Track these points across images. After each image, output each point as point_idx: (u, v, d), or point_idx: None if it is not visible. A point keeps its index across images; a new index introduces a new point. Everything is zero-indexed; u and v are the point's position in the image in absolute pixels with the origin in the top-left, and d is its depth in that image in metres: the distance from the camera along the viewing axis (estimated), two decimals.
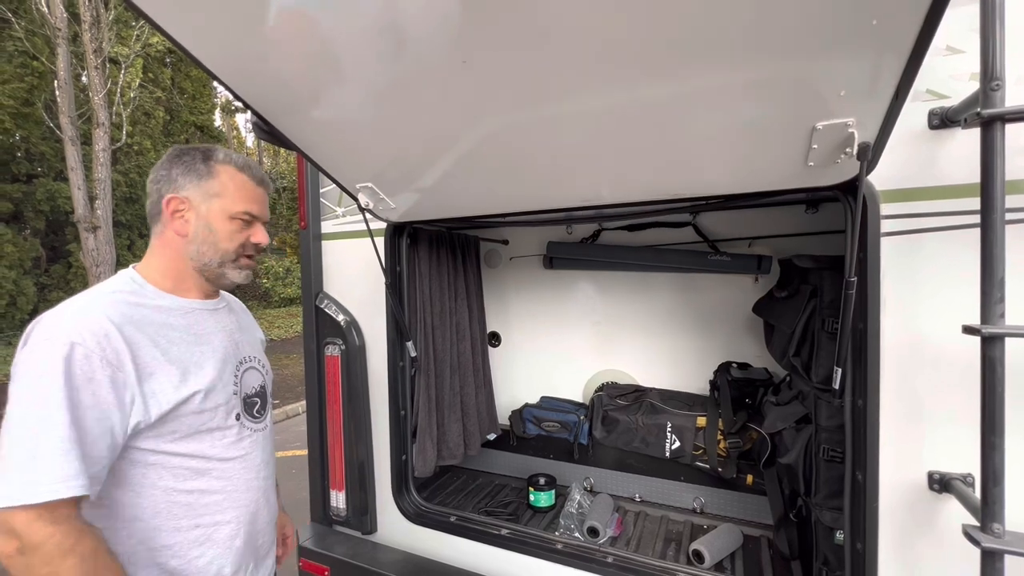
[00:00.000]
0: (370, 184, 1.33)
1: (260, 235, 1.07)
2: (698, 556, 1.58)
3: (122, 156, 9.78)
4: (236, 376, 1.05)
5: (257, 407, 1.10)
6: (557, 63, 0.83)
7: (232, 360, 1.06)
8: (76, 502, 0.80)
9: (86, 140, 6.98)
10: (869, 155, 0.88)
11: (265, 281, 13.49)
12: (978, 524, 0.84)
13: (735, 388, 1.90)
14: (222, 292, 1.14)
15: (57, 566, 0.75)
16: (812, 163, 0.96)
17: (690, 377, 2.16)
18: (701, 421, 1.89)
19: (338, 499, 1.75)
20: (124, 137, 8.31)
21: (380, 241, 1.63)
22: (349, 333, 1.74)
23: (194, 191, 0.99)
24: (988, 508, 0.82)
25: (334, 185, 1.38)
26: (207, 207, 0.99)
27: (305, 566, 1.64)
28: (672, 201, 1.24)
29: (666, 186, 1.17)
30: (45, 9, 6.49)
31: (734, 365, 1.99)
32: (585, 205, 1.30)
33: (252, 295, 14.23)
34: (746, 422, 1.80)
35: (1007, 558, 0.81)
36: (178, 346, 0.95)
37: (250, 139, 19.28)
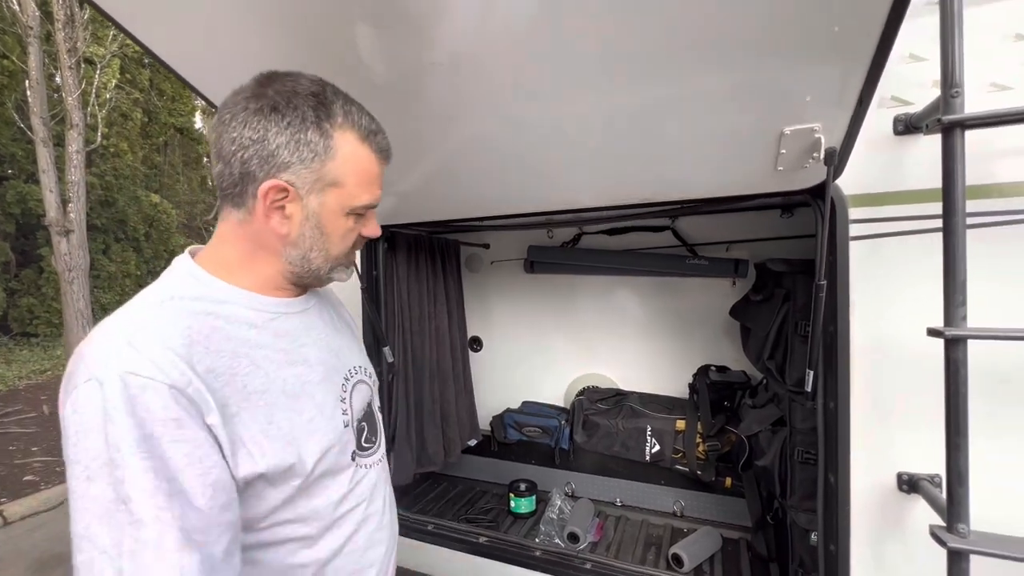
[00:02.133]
0: None
1: (373, 227, 0.76)
2: (677, 560, 1.58)
3: (97, 158, 9.54)
4: (344, 399, 0.77)
5: (366, 433, 0.82)
6: (535, 70, 0.83)
7: (336, 377, 0.78)
8: None
9: (59, 142, 6.79)
10: (835, 160, 0.89)
11: None
12: (944, 525, 0.85)
13: (713, 391, 1.91)
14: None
15: None
16: (781, 168, 0.97)
17: (670, 380, 2.17)
18: (680, 424, 1.90)
19: None
20: (99, 139, 8.10)
21: None
22: None
23: (303, 175, 0.66)
24: (954, 508, 0.83)
25: None
26: (319, 201, 0.68)
27: None
28: (650, 205, 1.24)
29: (644, 190, 1.18)
30: (16, 7, 6.32)
31: (713, 368, 2.00)
32: (565, 209, 1.30)
33: None
34: (724, 425, 1.81)
35: (973, 558, 0.82)
36: (265, 370, 0.66)
37: None
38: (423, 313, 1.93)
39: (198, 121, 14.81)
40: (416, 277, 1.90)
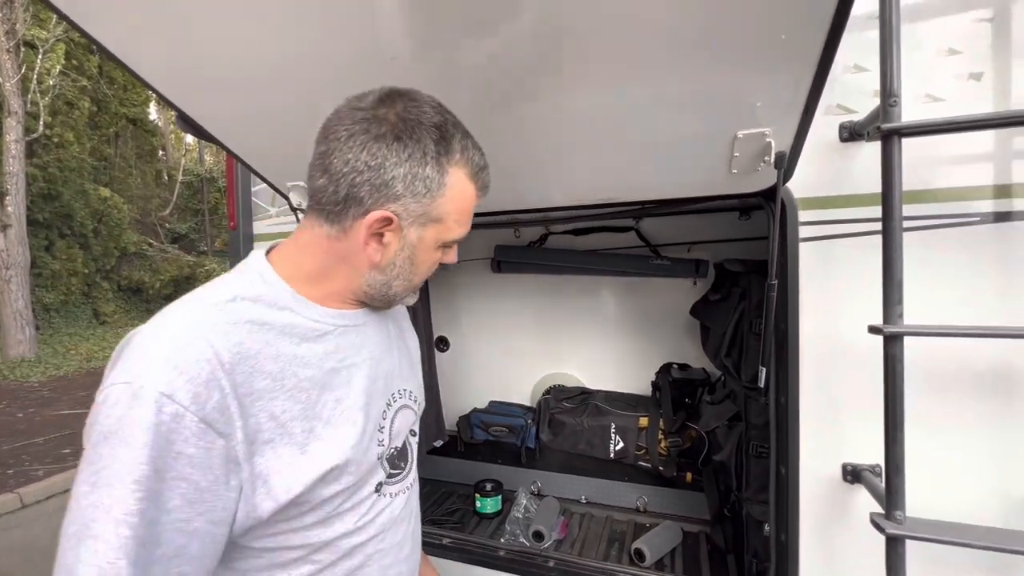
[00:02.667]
0: (301, 183, 1.27)
1: (453, 255, 0.76)
2: (639, 555, 1.61)
3: (40, 148, 8.95)
4: (383, 427, 0.74)
5: (399, 458, 0.79)
6: (497, 73, 0.83)
7: (379, 401, 0.74)
8: None
9: None
10: (784, 163, 0.92)
11: None
12: (883, 512, 0.90)
13: (675, 388, 1.95)
14: None
15: None
16: (735, 171, 1.00)
17: (634, 379, 2.21)
18: (643, 421, 1.93)
19: None
20: (42, 128, 7.62)
21: None
22: None
23: (411, 208, 0.64)
24: (892, 497, 0.87)
25: (277, 193, 1.31)
26: (419, 235, 0.67)
27: None
28: (614, 205, 1.26)
29: (608, 191, 1.19)
30: None
31: (675, 366, 2.05)
32: (532, 208, 1.30)
33: None
34: (685, 421, 1.86)
35: (909, 543, 0.87)
36: (307, 393, 0.64)
37: (190, 136, 18.21)
38: None
39: (152, 112, 14.11)
40: None
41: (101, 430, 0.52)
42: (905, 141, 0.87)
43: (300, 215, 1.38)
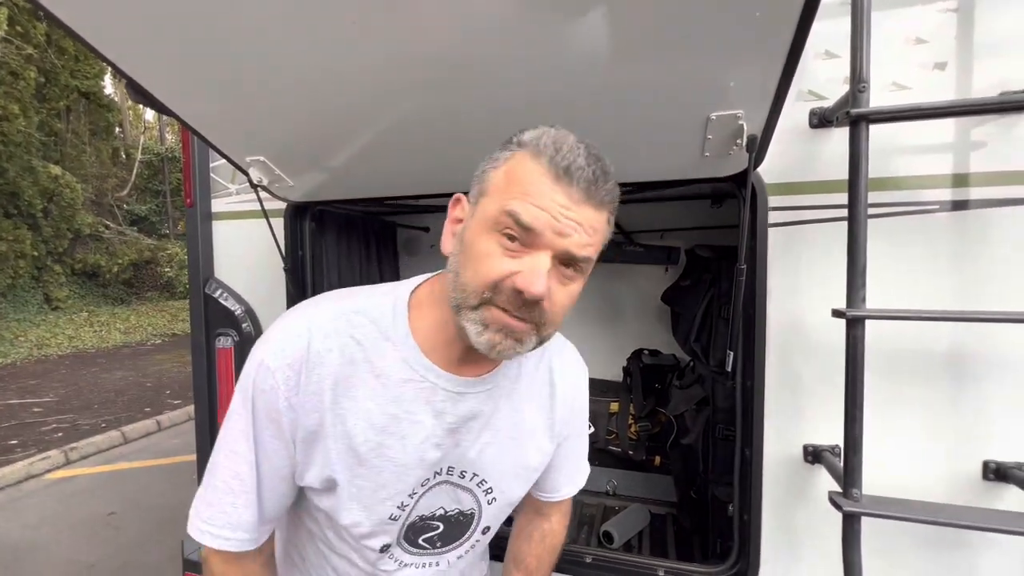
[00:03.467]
0: (262, 158, 1.20)
1: (536, 278, 0.60)
2: (608, 537, 1.63)
3: None
4: (413, 494, 0.71)
5: (438, 538, 0.77)
6: (472, 53, 0.80)
7: (423, 469, 0.70)
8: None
9: None
10: (756, 147, 0.92)
11: (168, 270, 12.20)
12: (841, 491, 0.92)
13: (646, 374, 1.98)
14: (520, 364, 0.76)
15: None
16: (708, 154, 1.00)
17: (606, 364, 2.22)
18: (614, 407, 1.95)
19: None
20: None
21: (280, 222, 1.50)
22: (245, 324, 1.59)
23: (477, 184, 0.66)
24: (849, 475, 0.90)
25: (237, 170, 1.23)
26: (471, 211, 0.65)
27: None
28: None
29: None
30: None
31: (646, 352, 2.07)
32: None
33: (152, 285, 12.85)
34: (655, 406, 1.88)
35: (865, 520, 0.89)
36: (363, 428, 0.67)
37: (149, 112, 17.27)
38: None
39: (108, 85, 13.31)
40: (348, 260, 1.81)
41: (245, 372, 0.69)
42: (871, 129, 0.88)
43: (262, 193, 1.32)
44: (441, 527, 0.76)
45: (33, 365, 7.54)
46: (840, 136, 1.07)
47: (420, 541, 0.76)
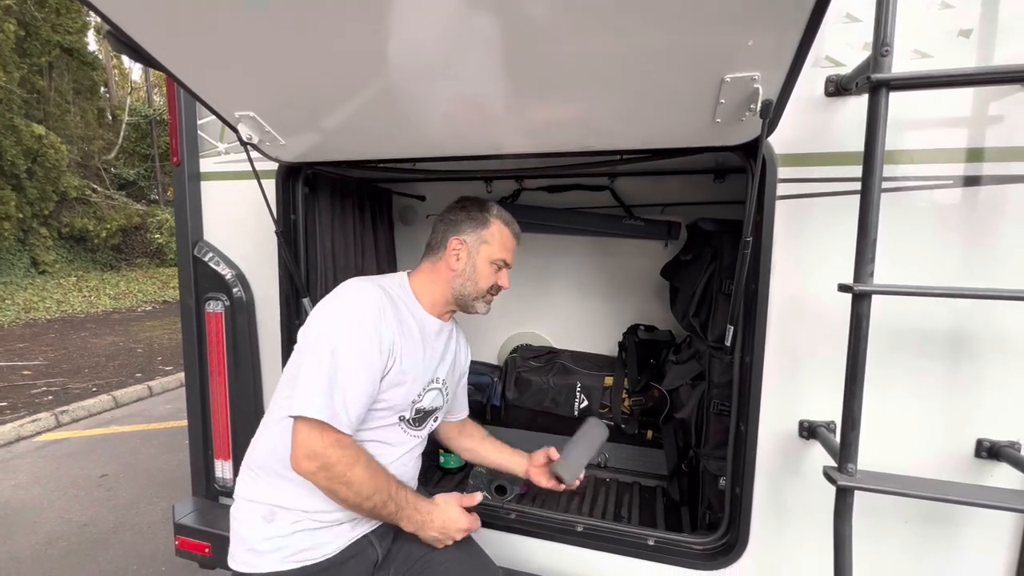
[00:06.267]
0: (252, 114, 1.14)
1: (505, 280, 1.27)
2: (559, 479, 1.64)
3: None
4: (426, 386, 1.20)
5: (424, 417, 1.23)
6: (469, 13, 0.75)
7: (428, 374, 1.21)
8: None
9: None
10: (771, 112, 0.88)
11: (157, 236, 11.99)
12: (836, 465, 0.92)
13: (641, 349, 1.97)
14: (453, 320, 1.34)
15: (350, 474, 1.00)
16: (719, 120, 0.96)
17: (602, 339, 2.22)
18: (608, 381, 1.95)
19: (224, 469, 1.60)
20: None
21: (272, 184, 1.44)
22: (235, 288, 1.55)
23: (471, 236, 1.22)
24: (845, 450, 0.90)
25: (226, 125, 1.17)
26: (476, 250, 1.22)
27: (182, 544, 1.49)
28: (590, 154, 1.20)
29: (583, 138, 1.13)
30: None
31: (642, 327, 2.06)
32: (502, 154, 1.23)
33: (142, 251, 12.66)
34: (649, 381, 1.88)
35: (858, 494, 0.90)
36: (406, 344, 1.13)
37: (136, 71, 16.65)
38: (349, 264, 1.81)
39: (92, 42, 12.80)
40: (342, 226, 1.76)
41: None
42: (893, 98, 0.84)
43: (253, 152, 1.26)
44: (427, 410, 1.24)
45: (21, 328, 7.46)
46: (856, 105, 1.03)
47: (413, 421, 1.20)
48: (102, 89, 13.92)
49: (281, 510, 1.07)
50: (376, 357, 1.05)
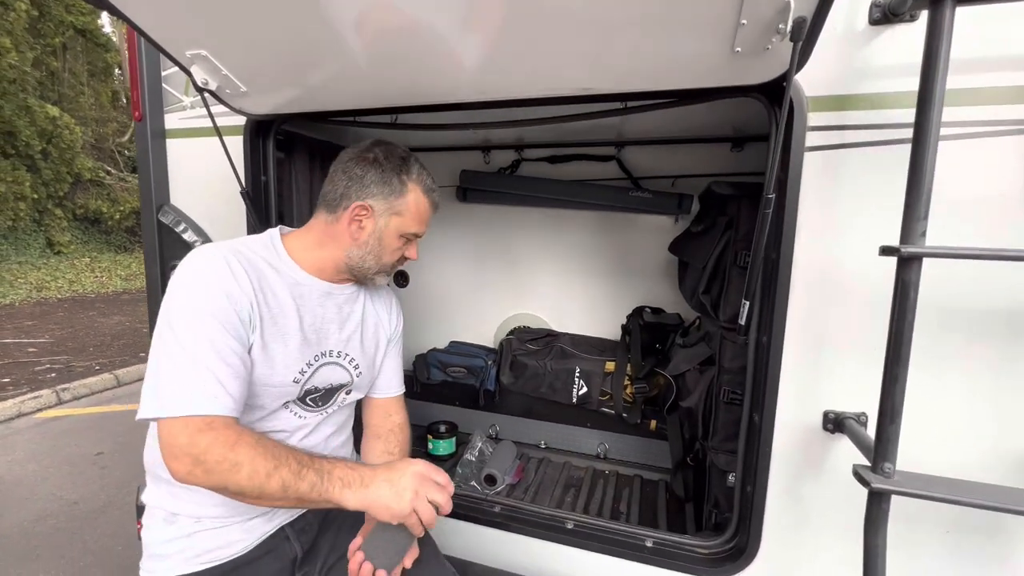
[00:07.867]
0: (205, 52, 1.01)
1: (414, 251, 1.07)
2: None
3: None
4: (308, 364, 0.98)
5: (316, 398, 1.03)
6: None
7: (313, 348, 0.99)
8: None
9: None
10: (803, 34, 0.72)
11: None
12: (869, 464, 0.77)
13: (646, 333, 1.82)
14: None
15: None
16: (739, 48, 0.79)
17: (604, 321, 2.07)
18: (610, 366, 1.81)
19: None
20: None
21: (238, 141, 1.31)
22: None
23: (380, 204, 0.97)
24: (882, 447, 0.74)
25: (178, 68, 1.04)
26: (385, 222, 0.98)
27: None
28: (591, 100, 1.03)
29: (582, 78, 0.97)
30: None
31: (647, 309, 1.91)
32: (497, 100, 1.07)
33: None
34: (654, 367, 1.73)
35: (894, 499, 0.75)
36: (274, 313, 0.93)
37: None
38: None
39: (106, 24, 12.80)
40: (318, 190, 1.63)
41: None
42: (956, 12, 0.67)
43: (213, 100, 1.13)
44: (321, 389, 1.03)
45: (31, 307, 7.53)
46: (905, 35, 0.86)
47: (307, 401, 1.01)
48: (116, 71, 13.94)
49: (179, 516, 0.94)
50: (231, 316, 0.84)
